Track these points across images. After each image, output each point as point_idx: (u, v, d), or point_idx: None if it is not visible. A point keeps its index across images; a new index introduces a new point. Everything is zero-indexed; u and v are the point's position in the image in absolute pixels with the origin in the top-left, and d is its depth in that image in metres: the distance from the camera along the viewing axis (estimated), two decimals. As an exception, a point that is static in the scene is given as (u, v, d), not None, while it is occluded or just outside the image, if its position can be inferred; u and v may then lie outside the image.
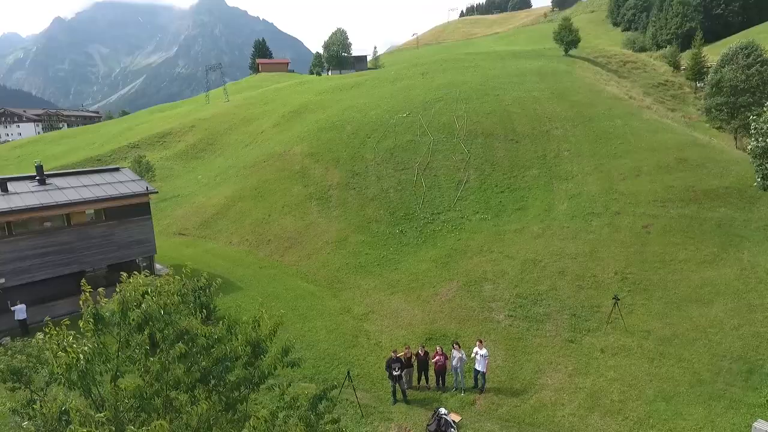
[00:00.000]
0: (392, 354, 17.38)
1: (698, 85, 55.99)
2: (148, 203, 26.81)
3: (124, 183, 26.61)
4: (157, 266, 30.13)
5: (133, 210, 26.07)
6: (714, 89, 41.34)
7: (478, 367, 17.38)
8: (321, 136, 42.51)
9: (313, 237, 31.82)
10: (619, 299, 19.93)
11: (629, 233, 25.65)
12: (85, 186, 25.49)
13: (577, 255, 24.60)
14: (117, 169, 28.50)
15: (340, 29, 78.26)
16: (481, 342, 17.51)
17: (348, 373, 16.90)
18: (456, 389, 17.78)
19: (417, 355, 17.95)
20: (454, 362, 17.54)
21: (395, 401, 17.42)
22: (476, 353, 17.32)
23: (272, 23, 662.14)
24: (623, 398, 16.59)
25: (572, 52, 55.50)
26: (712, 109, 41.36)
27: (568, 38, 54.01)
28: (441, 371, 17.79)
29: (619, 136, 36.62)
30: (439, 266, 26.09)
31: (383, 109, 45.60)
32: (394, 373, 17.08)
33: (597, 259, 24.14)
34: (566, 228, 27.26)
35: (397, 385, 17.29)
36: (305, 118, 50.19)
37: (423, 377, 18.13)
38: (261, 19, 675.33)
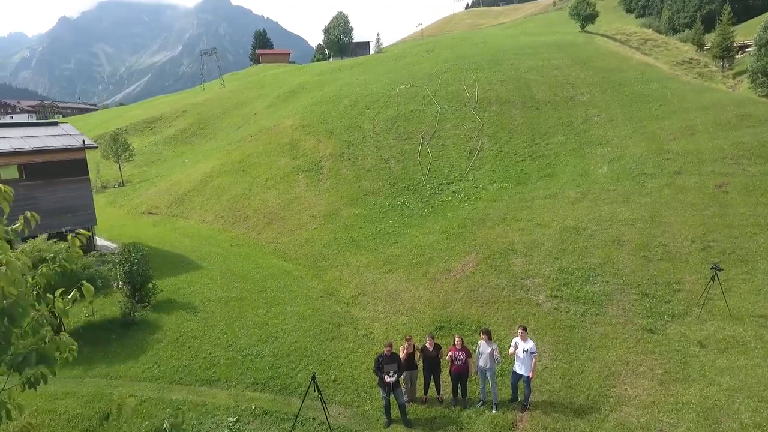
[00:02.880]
0: (385, 350, 10.40)
1: (725, 65, 48.83)
2: (85, 161, 20.10)
3: (55, 136, 19.96)
4: (105, 243, 23.39)
5: (64, 168, 19.40)
6: (763, 50, 34.11)
7: (520, 369, 10.34)
8: (315, 110, 35.78)
9: (297, 211, 24.94)
10: (720, 269, 12.76)
11: (699, 194, 18.50)
12: (3, 138, 18.86)
13: (634, 220, 17.48)
14: (54, 124, 21.90)
15: (341, 13, 71.32)
16: (524, 331, 10.45)
17: (313, 378, 9.89)
18: (484, 403, 10.75)
19: (423, 350, 10.97)
20: (480, 361, 10.54)
21: (389, 422, 10.42)
22: (516, 348, 10.31)
23: (276, 22, 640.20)
24: (759, 420, 9.46)
25: (589, 28, 48.72)
26: (759, 74, 34.07)
27: (585, 12, 47.23)
28: (461, 375, 10.77)
29: (658, 98, 29.56)
30: (450, 238, 19.07)
31: (384, 82, 38.84)
32: (387, 378, 10.09)
33: (662, 225, 17.00)
34: (612, 191, 20.16)
35: (392, 396, 10.30)
36: (301, 98, 43.58)
37: (432, 385, 11.14)
38: (265, 17, 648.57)
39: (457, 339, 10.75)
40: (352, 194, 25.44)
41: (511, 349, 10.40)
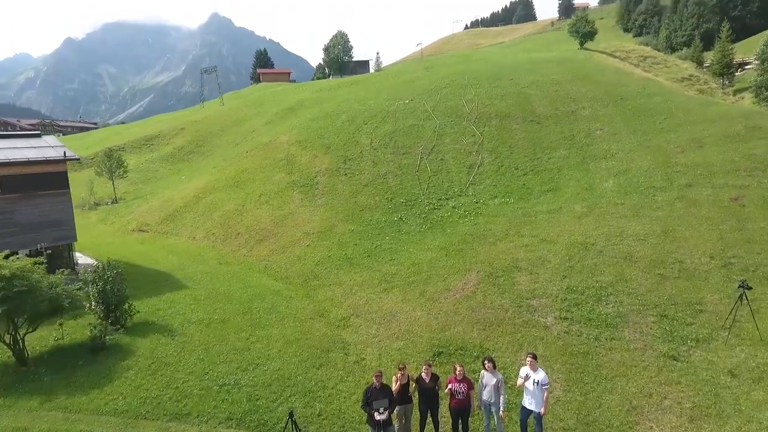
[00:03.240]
0: (374, 381, 9.02)
1: (725, 82, 48.13)
2: (65, 174, 18.96)
3: (36, 148, 18.89)
4: (88, 260, 22.11)
5: (44, 181, 18.25)
6: (766, 64, 33.26)
7: (530, 404, 8.93)
8: (312, 125, 34.85)
9: (291, 228, 23.70)
10: (749, 288, 11.42)
11: (714, 207, 17.24)
12: (-20, 150, 17.79)
13: (646, 236, 16.18)
14: (37, 136, 20.85)
15: (340, 32, 71.34)
16: (533, 359, 9.07)
17: (290, 416, 8.48)
18: (489, 443, 9.32)
19: (419, 381, 9.58)
20: (484, 394, 9.15)
21: (379, 466, 8.98)
22: (525, 379, 8.93)
23: (278, 43, 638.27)
24: (810, 466, 8.00)
25: (588, 45, 48.21)
26: (763, 89, 33.15)
27: (584, 29, 46.76)
28: (462, 410, 9.35)
29: (662, 112, 28.55)
30: (450, 255, 17.75)
31: (383, 98, 38.00)
32: (377, 416, 8.68)
33: (677, 240, 15.70)
34: (620, 205, 18.92)
35: (383, 436, 8.88)
36: (299, 114, 42.76)
37: (430, 421, 9.70)
38: (267, 39, 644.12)
39: (458, 368, 9.37)
40: (347, 210, 24.24)
41: (520, 381, 9.02)
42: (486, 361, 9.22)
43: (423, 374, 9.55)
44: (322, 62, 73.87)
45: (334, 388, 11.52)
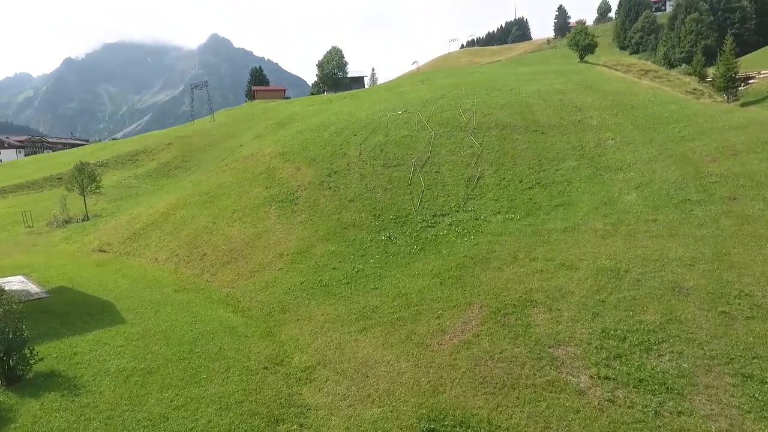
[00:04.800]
0: None
1: (730, 96, 44.93)
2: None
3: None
4: (28, 287, 18.21)
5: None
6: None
7: None
8: (297, 137, 31.30)
9: (263, 248, 19.83)
10: None
11: (773, 224, 13.44)
12: None
13: (693, 260, 12.31)
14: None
15: (335, 48, 68.54)
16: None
17: None
18: None
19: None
20: None
21: None
22: None
23: (277, 63, 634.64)
24: None
25: (587, 59, 45.16)
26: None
27: (583, 42, 43.78)
28: None
29: (680, 120, 24.96)
30: (446, 283, 13.84)
31: (375, 110, 34.56)
32: None
33: (736, 267, 11.82)
34: (652, 222, 15.10)
35: None
36: (288, 128, 39.31)
37: None
38: (266, 59, 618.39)
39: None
40: (329, 228, 20.41)
41: None
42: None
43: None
44: (316, 77, 71.10)
45: (274, 490, 7.51)
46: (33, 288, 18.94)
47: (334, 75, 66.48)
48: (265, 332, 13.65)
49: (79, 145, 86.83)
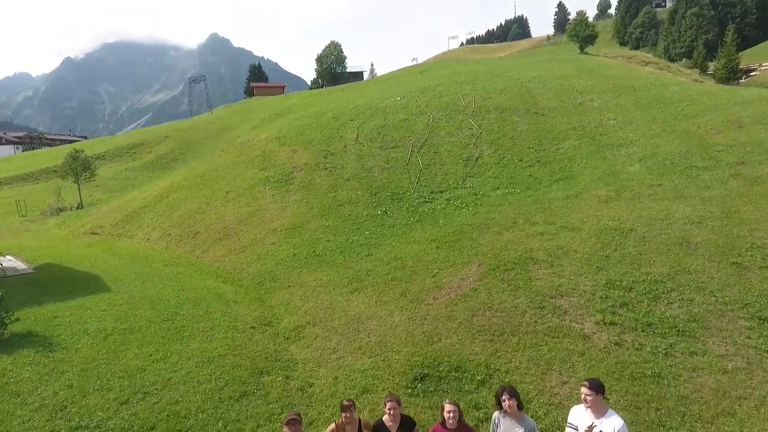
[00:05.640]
0: (288, 421, 4.47)
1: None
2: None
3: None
4: (14, 264, 17.69)
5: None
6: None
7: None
8: (294, 123, 30.89)
9: (256, 225, 19.31)
10: None
11: (783, 184, 12.88)
12: None
13: (702, 218, 11.75)
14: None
15: (333, 42, 68.09)
16: (596, 393, 4.51)
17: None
18: None
19: (378, 428, 5.05)
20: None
21: None
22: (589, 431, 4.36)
23: (276, 63, 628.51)
24: None
25: (588, 50, 44.86)
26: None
27: (584, 33, 43.45)
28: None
29: (683, 99, 24.50)
30: (442, 246, 13.29)
31: (373, 98, 34.17)
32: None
33: (746, 223, 11.26)
34: (657, 186, 14.57)
35: None
36: (286, 117, 38.90)
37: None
38: (266, 59, 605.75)
39: (448, 408, 4.85)
40: (324, 205, 19.89)
41: (571, 430, 4.50)
42: (504, 396, 4.70)
43: (386, 417, 5.02)
44: (314, 72, 70.75)
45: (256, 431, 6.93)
46: (20, 265, 18.42)
47: (333, 70, 66.09)
48: (254, 298, 13.10)
49: (77, 141, 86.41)
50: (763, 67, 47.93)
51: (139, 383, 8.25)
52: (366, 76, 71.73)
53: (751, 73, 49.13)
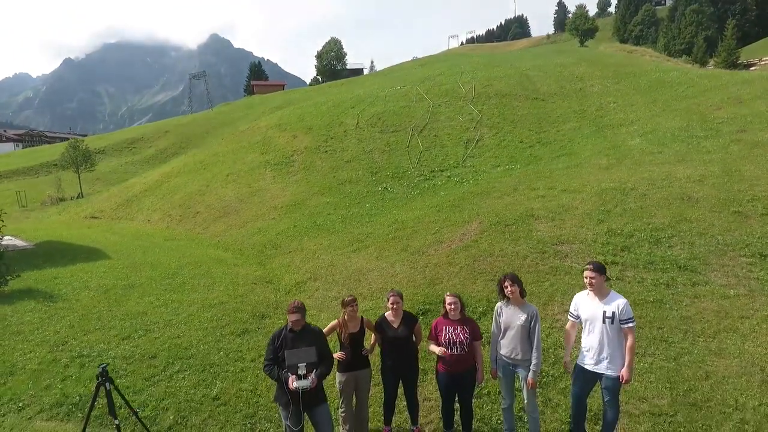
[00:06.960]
0: (289, 319, 4.51)
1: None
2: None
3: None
4: (13, 242, 17.67)
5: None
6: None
7: (596, 362, 4.36)
8: (295, 111, 31.08)
9: (257, 204, 19.38)
10: None
11: (783, 147, 12.95)
12: None
13: (702, 177, 11.81)
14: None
15: (334, 38, 68.44)
16: (598, 272, 4.55)
17: (102, 376, 3.98)
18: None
19: (380, 327, 5.09)
20: (502, 346, 4.61)
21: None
22: (586, 314, 4.40)
23: (276, 63, 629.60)
24: None
25: (588, 44, 45.19)
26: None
27: (583, 26, 43.78)
28: (460, 380, 4.77)
29: (682, 82, 24.65)
30: (443, 210, 13.33)
31: (374, 87, 34.42)
32: (294, 383, 4.15)
33: (746, 180, 11.32)
34: (659, 154, 14.64)
35: (289, 423, 4.28)
36: (286, 109, 39.12)
37: (402, 404, 5.11)
38: (266, 59, 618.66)
39: (449, 300, 4.89)
40: (325, 184, 19.98)
41: (571, 319, 4.54)
42: (507, 283, 4.74)
43: (388, 313, 5.06)
44: (314, 69, 71.15)
45: (255, 360, 6.94)
46: (20, 243, 18.45)
47: (333, 67, 66.42)
48: (255, 262, 13.13)
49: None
50: (763, 62, 48.22)
51: (140, 323, 8.27)
52: (366, 72, 72.08)
53: (751, 68, 49.38)
